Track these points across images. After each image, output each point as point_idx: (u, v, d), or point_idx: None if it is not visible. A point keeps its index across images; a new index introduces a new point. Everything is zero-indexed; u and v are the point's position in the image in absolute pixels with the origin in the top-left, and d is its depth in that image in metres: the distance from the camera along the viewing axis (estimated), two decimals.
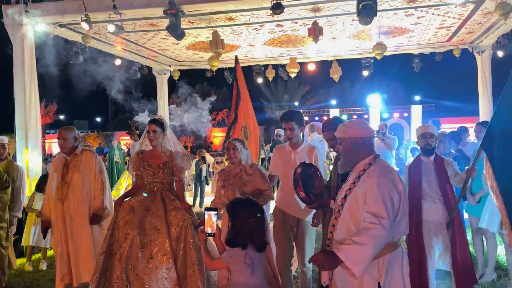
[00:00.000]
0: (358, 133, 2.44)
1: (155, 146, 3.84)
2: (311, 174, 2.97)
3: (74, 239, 4.03)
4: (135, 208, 3.70)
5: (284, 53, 9.66)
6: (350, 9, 6.40)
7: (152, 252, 3.55)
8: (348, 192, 2.37)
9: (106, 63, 9.16)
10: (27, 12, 6.28)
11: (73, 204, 4.04)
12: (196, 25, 7.23)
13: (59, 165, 4.19)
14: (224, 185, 3.73)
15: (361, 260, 2.09)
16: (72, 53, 7.58)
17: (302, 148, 3.88)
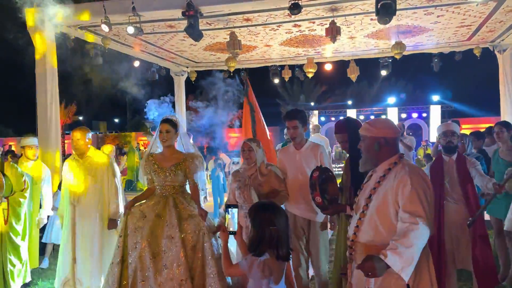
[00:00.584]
0: (380, 132, 2.39)
1: (168, 146, 3.66)
2: (325, 178, 2.91)
3: (83, 244, 3.93)
4: (146, 214, 3.50)
5: (301, 53, 9.64)
6: (368, 8, 6.35)
7: (165, 262, 3.32)
8: (373, 191, 2.31)
9: (124, 65, 9.29)
10: (48, 15, 6.39)
11: (85, 208, 3.95)
12: (214, 26, 7.27)
13: (72, 167, 4.09)
14: (239, 186, 3.64)
15: (408, 263, 2.05)
16: (91, 55, 7.69)
17: (306, 148, 3.80)
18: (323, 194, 2.84)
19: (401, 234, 2.09)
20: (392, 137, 2.41)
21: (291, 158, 3.83)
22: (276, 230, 2.30)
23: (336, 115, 22.60)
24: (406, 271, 2.04)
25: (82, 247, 3.95)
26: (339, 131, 3.32)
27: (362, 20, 7.08)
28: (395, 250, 2.05)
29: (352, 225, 2.41)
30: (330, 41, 7.11)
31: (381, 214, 2.25)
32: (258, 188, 3.58)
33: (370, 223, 2.29)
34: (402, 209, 2.16)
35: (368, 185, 2.42)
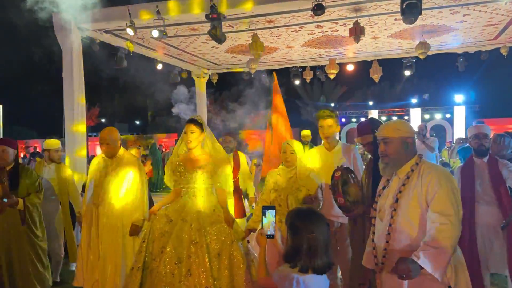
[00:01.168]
0: (407, 133, 2.37)
1: (193, 148, 3.54)
2: (347, 180, 2.87)
3: (104, 247, 3.83)
4: (172, 219, 3.41)
5: (322, 54, 9.58)
6: (392, 8, 6.27)
7: (190, 268, 3.21)
8: (399, 195, 2.26)
9: (146, 68, 9.41)
10: (75, 19, 6.53)
11: (107, 210, 3.85)
12: (236, 29, 7.30)
13: (98, 167, 4.03)
14: (275, 188, 3.51)
15: (441, 264, 2.03)
16: (117, 58, 7.82)
17: (338, 148, 3.72)
18: (345, 196, 2.81)
19: (432, 235, 2.07)
20: (414, 137, 2.41)
21: (322, 159, 3.74)
22: (315, 239, 2.07)
23: (357, 116, 22.39)
24: (439, 272, 2.02)
25: (102, 249, 3.85)
26: (364, 132, 3.23)
27: (386, 20, 7.00)
28: (427, 251, 2.03)
29: (381, 233, 2.32)
30: (352, 41, 7.05)
31: (414, 218, 2.20)
32: (295, 192, 3.47)
33: (403, 228, 2.23)
34: (431, 209, 2.14)
35: (390, 190, 2.37)
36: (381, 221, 2.36)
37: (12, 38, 16.13)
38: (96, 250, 3.88)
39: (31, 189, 4.11)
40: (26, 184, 4.07)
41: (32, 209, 4.06)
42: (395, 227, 2.25)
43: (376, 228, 2.42)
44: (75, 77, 6.55)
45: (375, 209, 2.46)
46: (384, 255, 2.28)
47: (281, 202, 3.44)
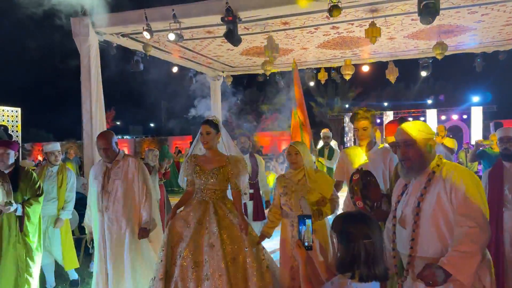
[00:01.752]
0: (429, 133, 2.28)
1: (209, 149, 3.54)
2: (366, 183, 2.75)
3: (113, 255, 3.70)
4: (189, 223, 3.39)
5: (337, 55, 9.54)
6: (409, 8, 6.21)
7: (207, 272, 3.19)
8: (421, 199, 2.18)
9: (161, 71, 9.49)
10: (93, 24, 6.62)
11: (114, 217, 3.73)
12: (251, 31, 7.32)
13: (99, 173, 3.89)
14: (285, 192, 3.43)
15: (469, 269, 1.95)
16: (133, 61, 7.90)
17: (375, 151, 3.57)
18: (364, 200, 2.71)
19: (459, 239, 1.99)
20: (434, 138, 2.32)
21: (358, 160, 3.61)
22: (372, 244, 1.89)
23: None
24: (467, 277, 1.94)
25: (112, 258, 3.71)
26: (393, 132, 3.00)
27: (403, 21, 6.94)
28: (454, 256, 1.95)
29: (405, 240, 2.22)
30: (368, 42, 7.01)
31: (440, 222, 2.11)
32: (306, 195, 3.38)
33: (428, 234, 2.14)
34: (458, 212, 2.05)
35: (411, 194, 2.27)
36: (403, 228, 2.26)
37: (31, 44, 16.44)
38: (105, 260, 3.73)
39: (30, 193, 3.96)
40: (25, 187, 3.94)
41: (31, 215, 3.89)
42: (419, 232, 2.15)
43: (398, 235, 2.31)
44: (92, 80, 6.63)
45: (394, 216, 2.36)
46: (408, 262, 2.18)
47: (292, 206, 3.36)
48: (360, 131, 3.56)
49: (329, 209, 3.35)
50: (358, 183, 2.71)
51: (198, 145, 3.71)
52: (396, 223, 2.35)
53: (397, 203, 2.39)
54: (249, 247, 3.30)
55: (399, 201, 2.38)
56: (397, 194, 2.44)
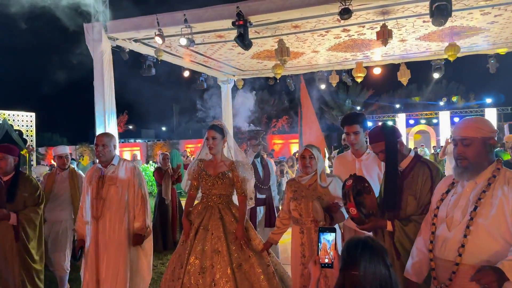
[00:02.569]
0: (490, 132, 2.06)
1: (215, 154, 3.52)
2: (361, 190, 2.61)
3: (108, 263, 3.53)
4: (196, 226, 3.37)
5: (348, 57, 9.51)
6: (421, 10, 6.18)
7: (214, 277, 3.16)
8: (479, 203, 2.01)
9: (172, 75, 9.57)
10: (106, 29, 6.71)
11: (110, 223, 3.57)
12: (262, 35, 7.34)
13: (94, 178, 3.70)
14: (295, 197, 3.31)
15: None
16: (145, 66, 7.98)
17: (367, 156, 3.44)
18: (359, 207, 2.56)
19: None
20: (495, 137, 2.10)
21: (349, 167, 3.44)
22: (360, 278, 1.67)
23: (385, 119, 22.07)
24: None
25: (105, 265, 3.55)
26: (375, 139, 2.85)
27: (414, 23, 6.89)
28: None
29: (450, 245, 2.04)
30: (379, 44, 6.98)
31: (498, 230, 1.96)
32: (316, 201, 3.23)
33: (483, 241, 1.97)
34: None
35: (461, 195, 2.10)
36: (448, 230, 2.07)
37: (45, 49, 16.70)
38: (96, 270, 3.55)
39: (29, 201, 3.75)
40: (24, 196, 3.74)
41: (27, 225, 3.67)
42: (472, 239, 1.97)
43: (438, 238, 2.11)
44: (105, 85, 6.71)
45: (436, 215, 2.19)
46: (455, 270, 2.01)
47: (301, 212, 3.26)
48: (351, 136, 3.42)
49: (339, 217, 3.22)
50: (352, 189, 2.57)
51: (204, 149, 3.66)
52: (437, 223, 2.18)
53: (441, 201, 2.19)
54: (255, 256, 3.28)
55: (442, 200, 2.19)
56: (440, 192, 2.25)
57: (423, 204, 2.56)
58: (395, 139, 2.71)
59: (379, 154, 2.81)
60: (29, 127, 15.67)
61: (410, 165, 2.69)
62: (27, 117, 15.60)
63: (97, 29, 6.69)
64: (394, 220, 2.59)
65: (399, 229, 2.54)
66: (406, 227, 2.53)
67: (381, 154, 2.78)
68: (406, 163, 2.71)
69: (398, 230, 2.54)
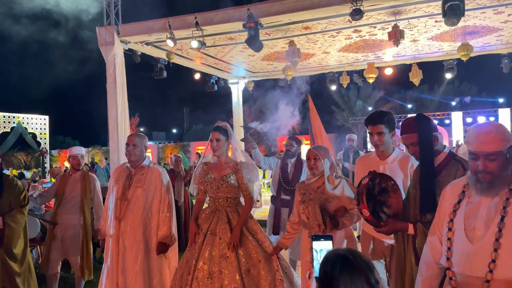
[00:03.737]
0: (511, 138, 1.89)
1: (219, 156, 3.47)
2: (386, 188, 2.40)
3: (126, 268, 3.47)
4: (204, 231, 3.33)
5: (360, 58, 9.48)
6: (433, 10, 6.14)
7: (222, 283, 3.11)
8: (503, 212, 1.85)
9: (183, 77, 9.62)
10: (118, 32, 6.79)
11: (131, 226, 3.49)
12: (273, 36, 7.35)
13: (121, 177, 3.64)
14: (303, 199, 3.23)
15: None
16: (157, 69, 8.05)
17: (393, 158, 3.18)
18: (381, 207, 2.36)
19: None
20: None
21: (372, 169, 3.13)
22: None
23: (396, 120, 21.92)
24: None
25: (125, 268, 3.48)
26: (407, 130, 2.60)
27: (426, 23, 6.85)
28: None
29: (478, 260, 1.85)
30: (391, 45, 6.95)
31: None
32: (325, 203, 3.16)
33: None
34: None
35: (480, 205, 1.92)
36: (470, 244, 1.86)
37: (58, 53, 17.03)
38: (117, 272, 3.48)
39: (14, 203, 3.63)
40: (10, 198, 3.62)
41: (14, 227, 3.55)
42: (503, 252, 1.79)
43: (459, 253, 1.90)
44: (118, 88, 6.78)
45: (450, 228, 1.97)
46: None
47: (309, 215, 3.17)
48: (374, 136, 3.15)
49: (348, 221, 3.08)
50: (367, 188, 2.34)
51: (209, 152, 3.59)
52: (453, 238, 1.95)
53: (453, 213, 1.98)
54: (264, 260, 3.20)
55: (455, 211, 1.98)
56: (451, 203, 2.02)
57: None
58: (430, 132, 2.49)
59: (410, 146, 2.58)
60: (43, 130, 15.87)
61: (444, 163, 2.48)
62: (40, 120, 15.81)
63: (110, 32, 6.77)
64: (417, 222, 2.36)
65: (421, 233, 2.32)
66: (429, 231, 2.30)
67: (412, 147, 2.55)
68: (440, 160, 2.49)
69: (421, 234, 2.32)
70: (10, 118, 14.72)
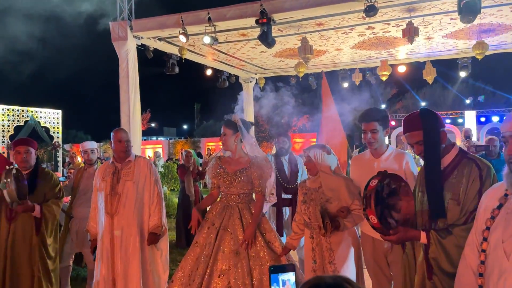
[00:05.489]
0: None
1: (227, 150, 3.47)
2: (396, 190, 2.17)
3: (123, 261, 3.48)
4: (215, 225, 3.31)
5: (373, 55, 9.40)
6: (448, 7, 6.04)
7: (229, 280, 3.08)
8: None
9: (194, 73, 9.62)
10: (131, 28, 6.81)
11: (125, 220, 3.51)
12: (285, 33, 7.32)
13: (107, 173, 3.64)
14: (304, 200, 3.19)
15: None
16: (169, 64, 8.06)
17: (387, 156, 3.09)
18: (389, 212, 2.14)
19: None
20: None
21: (367, 168, 3.07)
22: None
23: None
24: None
25: (121, 263, 3.49)
26: (411, 127, 2.34)
27: (441, 20, 6.76)
28: None
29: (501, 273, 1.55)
30: (404, 42, 6.87)
31: None
32: (325, 204, 3.06)
33: None
34: None
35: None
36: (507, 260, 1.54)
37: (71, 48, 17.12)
38: (112, 267, 3.50)
39: (49, 195, 3.73)
40: (45, 189, 3.71)
41: (49, 217, 3.64)
42: None
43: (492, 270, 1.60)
44: (130, 83, 6.80)
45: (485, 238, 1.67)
46: None
47: (310, 216, 3.13)
48: (368, 134, 3.04)
49: (350, 223, 2.99)
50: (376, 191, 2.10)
51: None
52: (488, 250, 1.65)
53: (491, 220, 1.67)
54: (271, 260, 3.17)
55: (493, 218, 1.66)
56: (489, 209, 1.70)
57: (467, 211, 2.12)
58: (437, 128, 2.26)
59: (415, 146, 2.33)
60: (56, 124, 16.02)
61: (454, 162, 2.25)
62: (53, 114, 15.96)
63: (123, 27, 6.78)
64: (429, 230, 2.17)
65: (435, 242, 2.12)
66: (444, 240, 2.09)
67: (417, 146, 2.30)
68: (449, 159, 2.26)
69: (434, 243, 2.12)
70: (23, 111, 14.88)
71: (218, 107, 9.18)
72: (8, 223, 3.52)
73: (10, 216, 3.53)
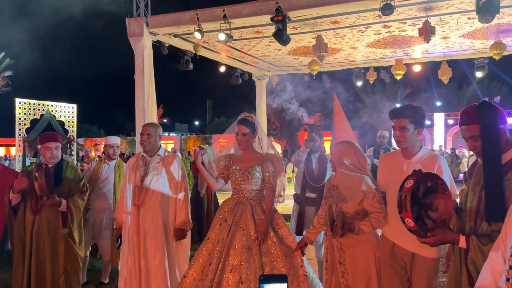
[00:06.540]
0: None
1: (244, 149, 3.40)
2: (432, 188, 2.04)
3: (147, 253, 3.54)
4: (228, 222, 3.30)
5: (387, 54, 9.33)
6: (466, 7, 5.98)
7: (241, 276, 3.06)
8: None
9: (207, 70, 9.67)
10: (147, 24, 6.87)
11: (150, 213, 3.57)
12: (300, 30, 7.31)
13: (137, 166, 3.71)
14: (325, 196, 3.13)
15: None
16: (183, 61, 8.12)
17: (419, 157, 2.83)
18: (426, 210, 2.02)
19: None
20: None
21: (395, 169, 2.85)
22: None
23: None
24: None
25: (146, 254, 3.56)
26: (467, 121, 2.16)
27: (458, 19, 6.69)
28: None
29: None
30: (420, 41, 6.81)
31: None
32: (340, 204, 2.94)
33: None
34: None
35: None
36: None
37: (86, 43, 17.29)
38: (138, 258, 3.55)
39: (74, 189, 3.79)
40: (70, 183, 3.78)
41: (75, 212, 3.70)
42: None
43: None
44: (146, 79, 6.87)
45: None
46: None
47: (326, 213, 3.06)
48: (397, 132, 2.79)
49: (366, 226, 2.85)
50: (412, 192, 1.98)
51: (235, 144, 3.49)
52: None
53: None
54: (283, 256, 3.16)
55: None
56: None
57: None
58: (496, 124, 2.07)
59: (469, 140, 2.17)
60: (71, 118, 16.21)
61: (510, 163, 2.05)
62: (69, 108, 16.14)
63: (139, 23, 6.85)
64: (470, 235, 2.04)
65: (475, 248, 1.98)
66: (485, 246, 1.93)
67: (471, 141, 2.14)
68: (507, 158, 2.07)
69: (474, 249, 1.98)
70: (40, 105, 15.08)
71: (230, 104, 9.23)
72: (33, 215, 3.61)
73: (35, 209, 3.61)
